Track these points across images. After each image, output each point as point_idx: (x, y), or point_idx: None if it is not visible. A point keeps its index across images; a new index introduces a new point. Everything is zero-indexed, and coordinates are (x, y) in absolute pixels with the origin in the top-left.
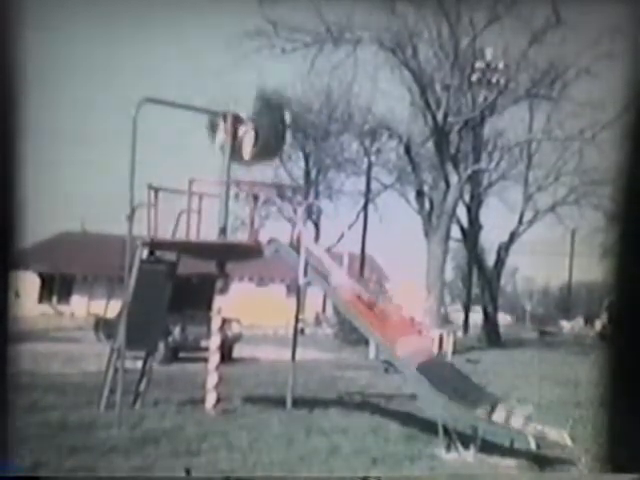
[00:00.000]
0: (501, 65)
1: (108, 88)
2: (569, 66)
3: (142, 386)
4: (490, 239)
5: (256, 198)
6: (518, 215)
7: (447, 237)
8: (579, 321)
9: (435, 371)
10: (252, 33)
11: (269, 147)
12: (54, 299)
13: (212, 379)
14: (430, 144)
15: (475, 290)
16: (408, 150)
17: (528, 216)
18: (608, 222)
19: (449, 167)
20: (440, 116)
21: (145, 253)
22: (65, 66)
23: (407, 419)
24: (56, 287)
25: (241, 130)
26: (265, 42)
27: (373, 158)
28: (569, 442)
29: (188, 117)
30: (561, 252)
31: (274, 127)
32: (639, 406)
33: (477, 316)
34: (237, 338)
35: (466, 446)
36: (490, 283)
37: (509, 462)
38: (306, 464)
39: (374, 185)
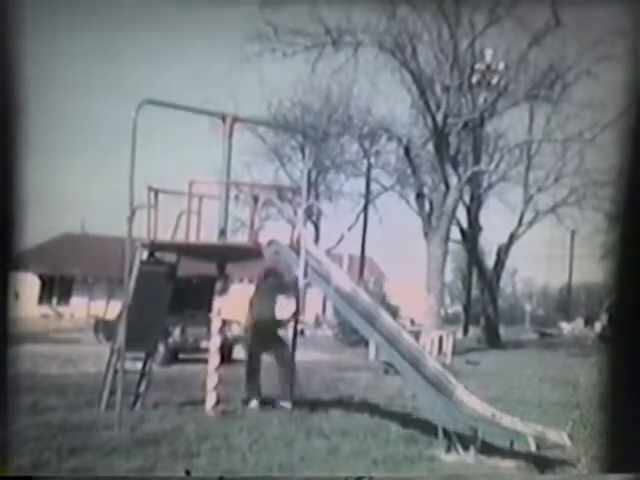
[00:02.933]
0: (501, 67)
1: (109, 90)
2: (569, 68)
3: (142, 387)
4: (490, 240)
5: (256, 199)
6: (518, 216)
7: (447, 238)
8: (579, 322)
9: None
10: (253, 37)
11: None
12: (54, 300)
13: (212, 380)
14: (430, 146)
15: (475, 291)
16: (408, 152)
17: (528, 217)
18: (608, 223)
19: (449, 169)
20: (440, 117)
21: (145, 255)
22: (66, 67)
23: (407, 420)
24: (56, 288)
25: None
26: (266, 46)
27: (373, 160)
28: (569, 443)
29: (188, 119)
30: (561, 253)
31: None
32: (639, 407)
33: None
34: (237, 339)
35: (466, 447)
36: (490, 284)
37: (509, 463)
38: (306, 465)
39: (374, 187)
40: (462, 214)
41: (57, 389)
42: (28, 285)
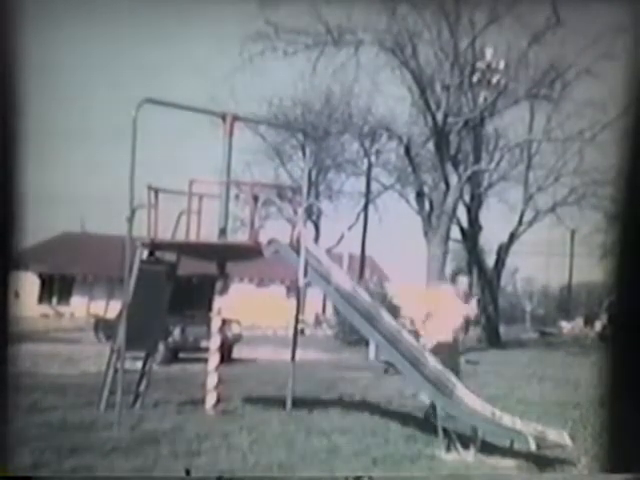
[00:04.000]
0: (501, 65)
1: (108, 88)
2: (569, 66)
3: (142, 387)
4: (490, 240)
5: (256, 198)
6: (518, 216)
7: (447, 238)
8: (579, 322)
9: None
10: (254, 36)
11: None
12: (54, 300)
13: (212, 380)
14: (430, 145)
15: (475, 291)
16: (408, 151)
17: (528, 217)
18: (608, 223)
19: (449, 168)
20: (440, 116)
21: (145, 254)
22: (65, 66)
23: (407, 419)
24: (56, 288)
25: None
26: (267, 45)
27: (373, 159)
28: (569, 442)
29: (189, 118)
30: (561, 253)
31: None
32: (639, 406)
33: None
34: (237, 339)
35: (466, 446)
36: (490, 284)
37: (509, 462)
38: (306, 464)
39: (374, 186)
40: (462, 213)
41: (57, 388)
42: (28, 284)
